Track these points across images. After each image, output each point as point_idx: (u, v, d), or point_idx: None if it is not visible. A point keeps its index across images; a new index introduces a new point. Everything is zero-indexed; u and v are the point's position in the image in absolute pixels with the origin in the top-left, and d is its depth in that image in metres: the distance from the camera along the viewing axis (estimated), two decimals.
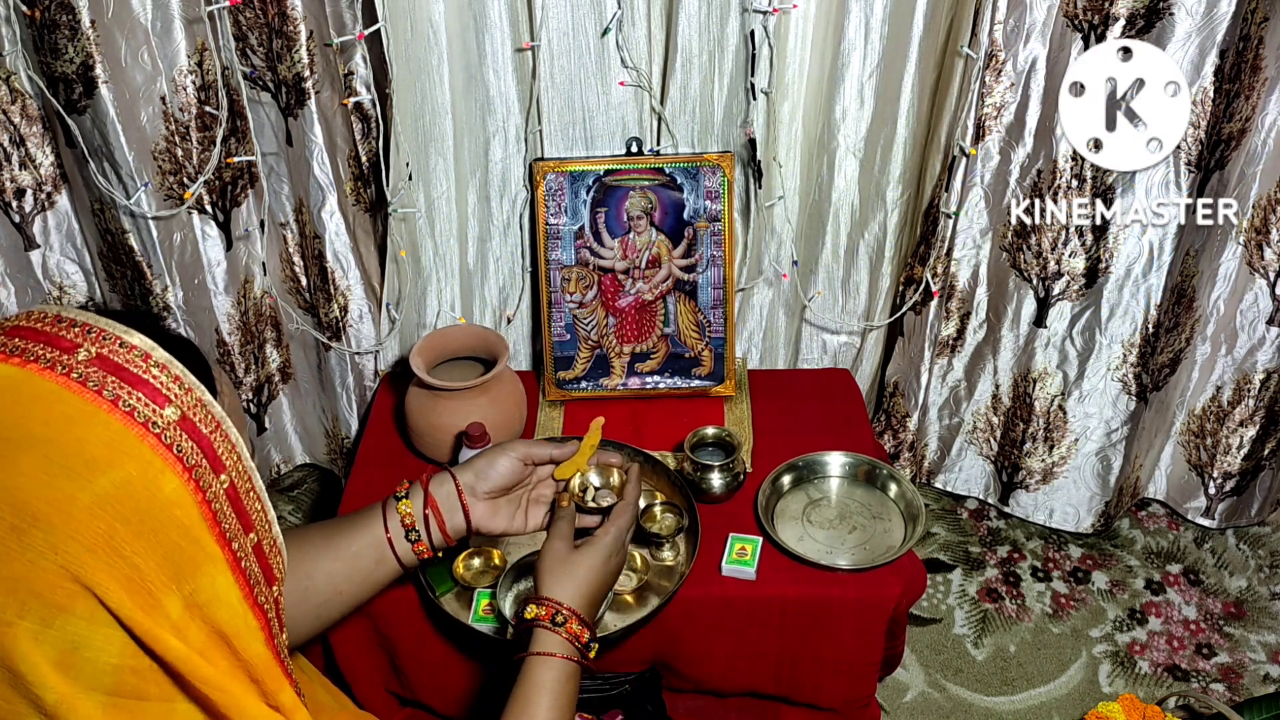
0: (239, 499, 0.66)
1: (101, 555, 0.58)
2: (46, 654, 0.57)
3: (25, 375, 0.61)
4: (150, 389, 0.62)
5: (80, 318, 0.64)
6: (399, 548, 1.01)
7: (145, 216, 1.46)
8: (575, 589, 0.95)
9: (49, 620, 0.57)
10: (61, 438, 0.59)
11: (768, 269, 1.66)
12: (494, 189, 1.57)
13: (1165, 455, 1.84)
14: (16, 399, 0.60)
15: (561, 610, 0.93)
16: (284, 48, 1.43)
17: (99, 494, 0.59)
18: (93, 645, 0.59)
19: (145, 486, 0.60)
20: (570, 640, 0.92)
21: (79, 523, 0.58)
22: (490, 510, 1.05)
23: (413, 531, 1.01)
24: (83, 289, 1.61)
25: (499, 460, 1.04)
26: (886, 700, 1.58)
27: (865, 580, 1.26)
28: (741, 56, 1.44)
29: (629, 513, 1.04)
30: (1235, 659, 1.66)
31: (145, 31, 1.37)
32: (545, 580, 0.96)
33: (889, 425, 1.84)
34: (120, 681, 0.60)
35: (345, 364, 1.70)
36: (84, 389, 0.61)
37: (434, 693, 1.33)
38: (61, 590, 0.57)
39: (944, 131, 1.51)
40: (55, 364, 0.61)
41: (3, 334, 0.63)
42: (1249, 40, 1.39)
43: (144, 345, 0.64)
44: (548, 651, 0.90)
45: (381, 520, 1.02)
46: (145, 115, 1.41)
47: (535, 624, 0.92)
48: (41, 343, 0.62)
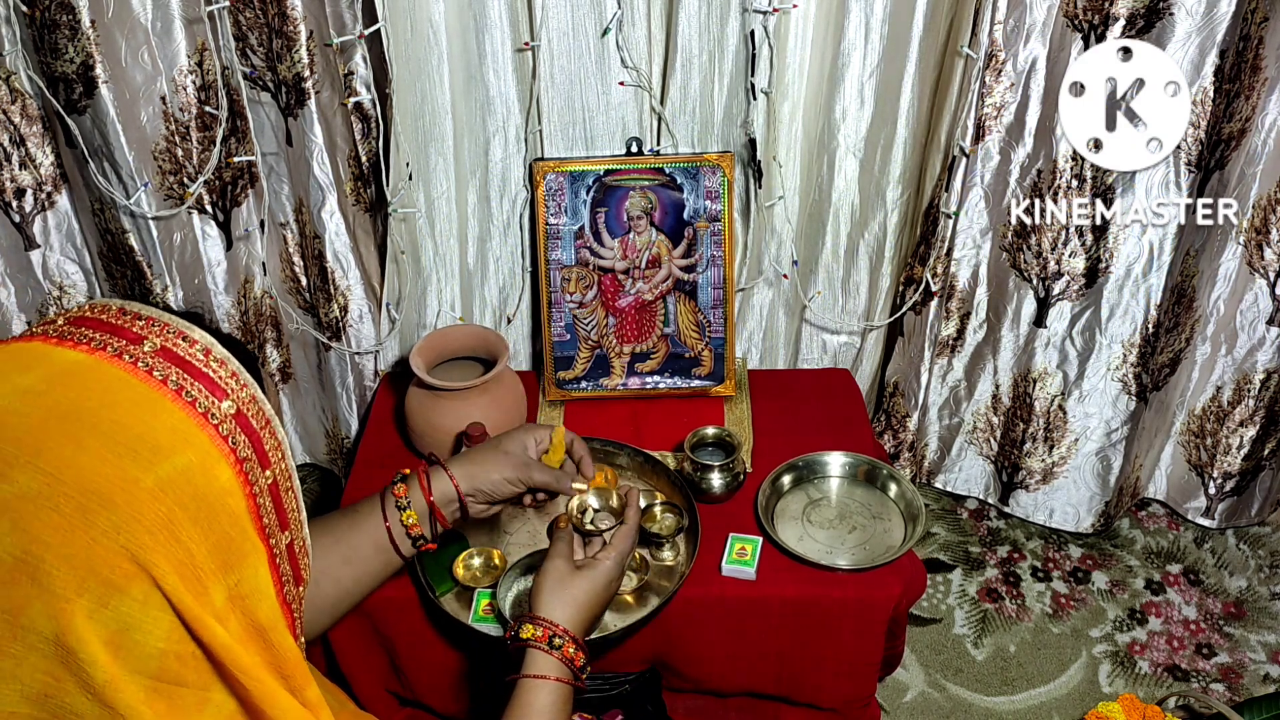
0: (280, 497, 0.69)
1: (161, 538, 0.59)
2: (99, 633, 0.58)
3: (95, 362, 0.63)
4: (210, 382, 0.65)
5: (145, 311, 0.67)
6: (401, 545, 1.06)
7: (145, 216, 1.46)
8: (574, 611, 0.96)
9: (105, 599, 0.58)
10: (129, 421, 0.61)
11: (768, 269, 1.66)
12: (494, 189, 1.57)
13: (1165, 455, 1.84)
14: (86, 384, 0.62)
15: (558, 633, 0.94)
16: (284, 48, 1.43)
17: (161, 478, 0.60)
18: (143, 628, 0.59)
19: (204, 474, 0.62)
20: (565, 663, 0.93)
21: (142, 504, 0.59)
22: (487, 507, 1.10)
23: (420, 540, 1.06)
24: (83, 289, 1.61)
25: (502, 486, 1.07)
26: (886, 700, 1.58)
27: (865, 580, 1.26)
28: (741, 56, 1.44)
29: (630, 538, 1.06)
30: (1235, 659, 1.66)
31: (145, 31, 1.37)
32: (544, 600, 0.97)
33: (889, 425, 1.84)
34: (164, 666, 0.61)
35: (345, 364, 1.70)
36: (150, 378, 0.63)
37: (434, 693, 1.33)
38: (120, 570, 0.58)
39: (944, 131, 1.51)
40: (123, 353, 0.63)
41: (70, 324, 0.65)
42: (1249, 40, 1.39)
43: (204, 341, 0.66)
44: (543, 674, 0.92)
45: (381, 519, 1.05)
46: (145, 115, 1.41)
47: (531, 645, 0.93)
48: (109, 333, 0.64)
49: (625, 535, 1.05)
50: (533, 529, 1.33)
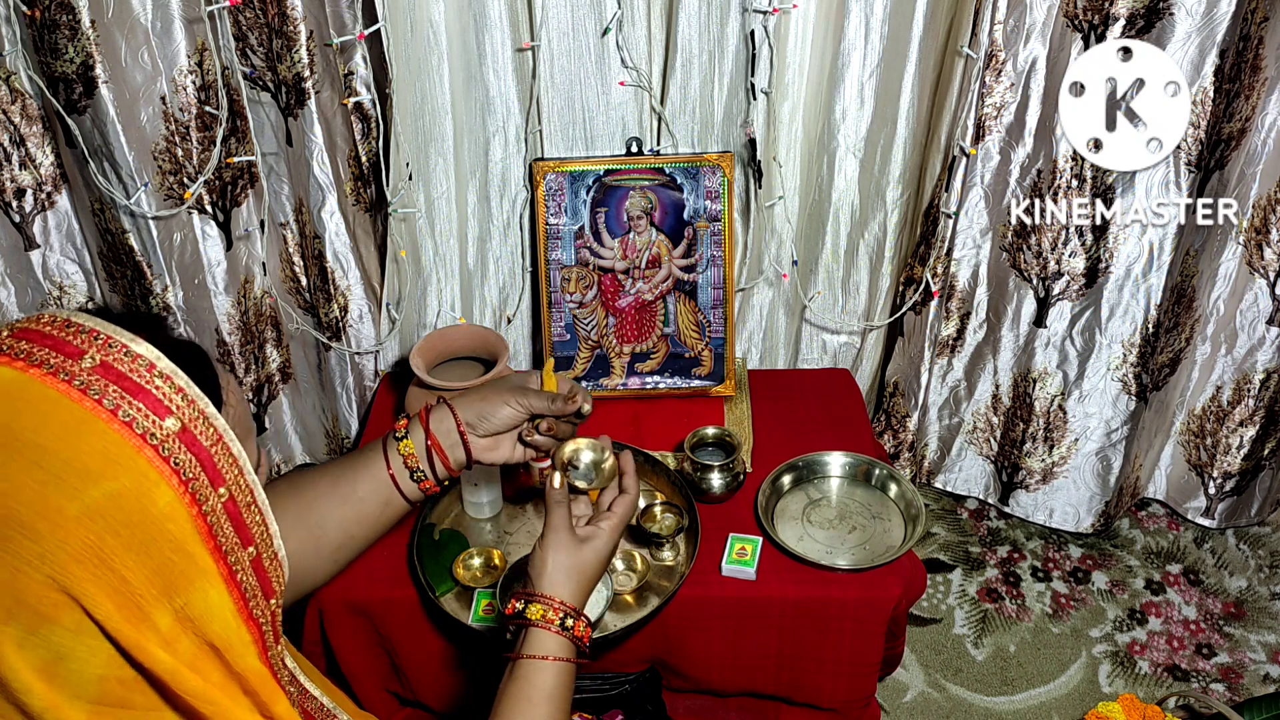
0: (238, 513, 0.66)
1: (89, 566, 0.58)
2: (30, 661, 0.57)
3: (26, 380, 0.60)
4: (152, 399, 0.62)
5: (89, 323, 0.63)
6: (405, 487, 1.02)
7: (145, 216, 1.46)
8: (579, 586, 0.92)
9: (34, 628, 0.57)
10: (56, 446, 0.59)
11: (768, 269, 1.66)
12: (494, 189, 1.57)
13: (1165, 455, 1.84)
14: (14, 404, 0.59)
15: (569, 612, 0.89)
16: (284, 48, 1.43)
17: (89, 505, 0.58)
18: (78, 656, 0.58)
19: (138, 499, 0.60)
20: (575, 642, 0.89)
21: (67, 533, 0.57)
22: (491, 444, 1.05)
23: (417, 472, 1.02)
24: (83, 289, 1.61)
25: (501, 410, 1.03)
26: (886, 700, 1.58)
27: (865, 580, 1.26)
28: (741, 56, 1.44)
29: (632, 507, 1.00)
30: (1235, 659, 1.66)
31: (145, 31, 1.37)
32: (549, 576, 0.91)
33: (889, 425, 1.84)
34: (105, 691, 0.60)
35: (345, 364, 1.70)
36: (84, 397, 0.60)
37: (434, 693, 1.33)
38: (47, 600, 0.57)
39: (944, 131, 1.51)
40: (59, 370, 0.60)
41: (11, 335, 0.63)
42: (1249, 40, 1.39)
43: (149, 354, 0.63)
44: (551, 655, 0.87)
45: (384, 461, 1.01)
46: (145, 115, 1.41)
47: (540, 625, 0.88)
48: (48, 347, 0.62)
49: (627, 504, 0.99)
50: (532, 529, 1.33)
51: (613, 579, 1.24)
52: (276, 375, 1.79)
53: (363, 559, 1.26)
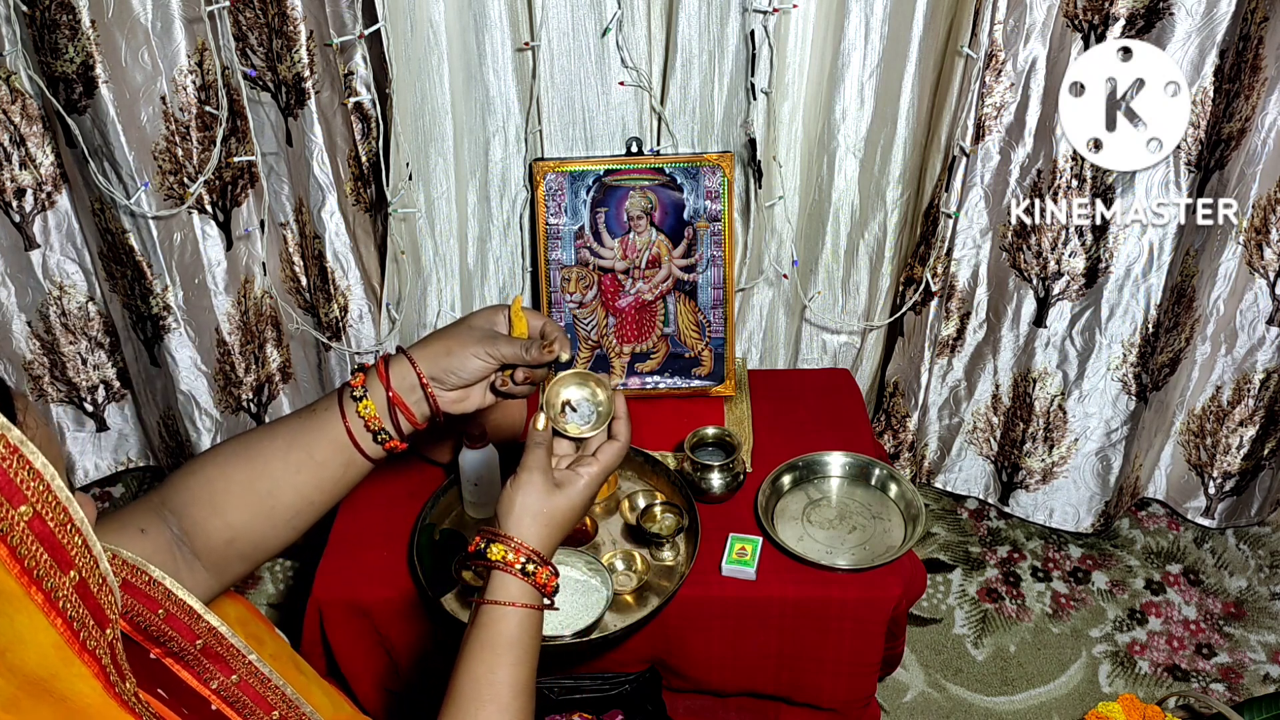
0: (49, 533, 0.59)
1: None
2: None
3: None
4: None
5: None
6: (368, 449, 0.92)
7: (145, 216, 1.46)
8: (548, 533, 0.86)
9: None
10: None
11: (768, 269, 1.66)
12: (494, 189, 1.57)
13: (1165, 455, 1.84)
14: None
15: (531, 556, 0.85)
16: (284, 48, 1.43)
17: None
18: None
19: None
20: (538, 589, 0.85)
21: None
22: (459, 396, 0.95)
23: (381, 433, 0.92)
24: (83, 289, 1.61)
25: (470, 363, 0.93)
26: (886, 700, 1.58)
27: (865, 580, 1.26)
28: (741, 56, 1.44)
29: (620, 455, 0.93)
30: (1235, 659, 1.66)
31: (145, 31, 1.37)
32: (515, 517, 0.86)
33: (889, 425, 1.84)
34: None
35: (345, 364, 1.70)
36: None
37: (434, 693, 1.33)
38: None
39: (944, 131, 1.51)
40: None
41: None
42: (1249, 40, 1.39)
43: None
44: (514, 601, 0.83)
45: (341, 421, 0.92)
46: (145, 115, 1.41)
47: (499, 567, 0.84)
48: None
49: (614, 452, 0.91)
50: None
51: (613, 579, 1.24)
52: (277, 375, 1.79)
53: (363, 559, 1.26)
